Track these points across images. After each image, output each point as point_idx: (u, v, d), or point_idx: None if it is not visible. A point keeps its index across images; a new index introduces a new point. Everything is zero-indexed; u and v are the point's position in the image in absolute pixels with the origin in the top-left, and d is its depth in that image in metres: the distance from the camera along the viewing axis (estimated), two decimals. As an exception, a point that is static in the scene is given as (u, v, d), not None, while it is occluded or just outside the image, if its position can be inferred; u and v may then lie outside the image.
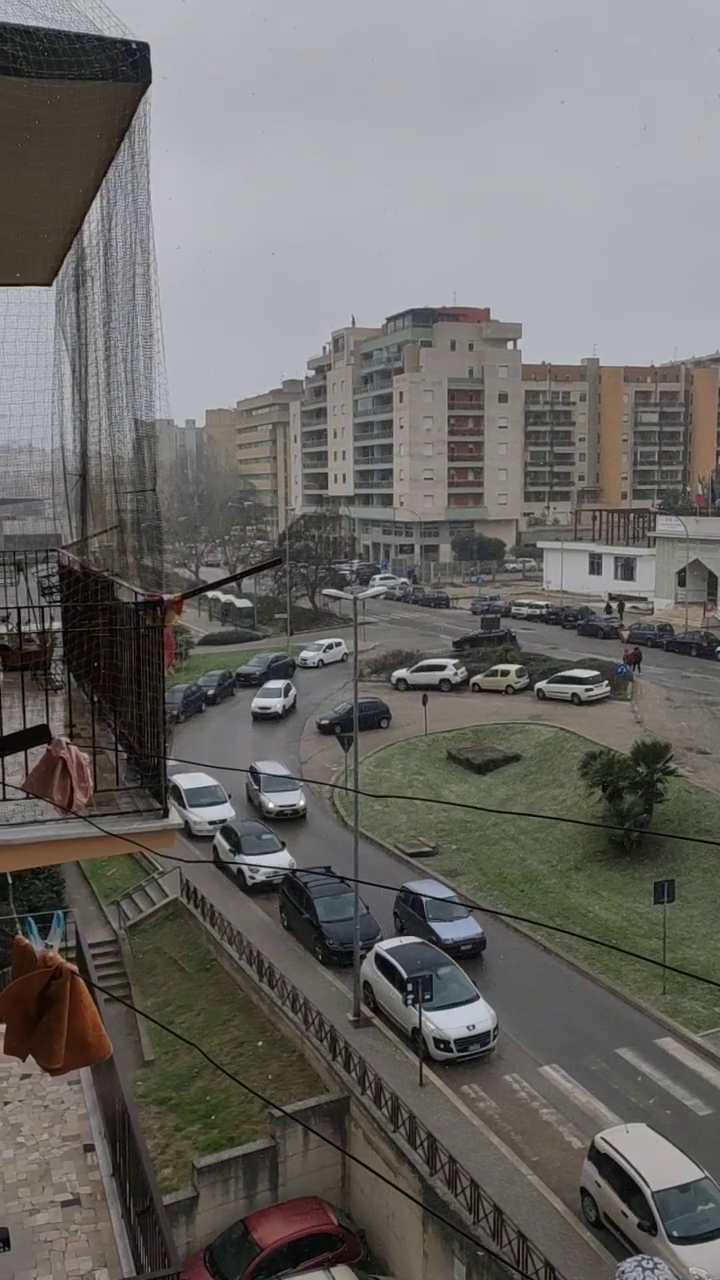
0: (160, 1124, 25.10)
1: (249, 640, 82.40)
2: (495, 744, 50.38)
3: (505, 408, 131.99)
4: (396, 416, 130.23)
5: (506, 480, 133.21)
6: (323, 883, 32.71)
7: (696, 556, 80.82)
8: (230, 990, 30.37)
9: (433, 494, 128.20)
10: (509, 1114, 23.68)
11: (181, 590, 8.73)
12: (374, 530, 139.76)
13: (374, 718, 53.17)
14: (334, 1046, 25.58)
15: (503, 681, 59.62)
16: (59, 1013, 6.33)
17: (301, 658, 71.12)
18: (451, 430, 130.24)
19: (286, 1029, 27.58)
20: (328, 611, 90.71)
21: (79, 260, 10.50)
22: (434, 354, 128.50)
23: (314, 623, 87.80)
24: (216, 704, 61.31)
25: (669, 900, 28.94)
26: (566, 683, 56.53)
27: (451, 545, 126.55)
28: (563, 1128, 23.14)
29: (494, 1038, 25.88)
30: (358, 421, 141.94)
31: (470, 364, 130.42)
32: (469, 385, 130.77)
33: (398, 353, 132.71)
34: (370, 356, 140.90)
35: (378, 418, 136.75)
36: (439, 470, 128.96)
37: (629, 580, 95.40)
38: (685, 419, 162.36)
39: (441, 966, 27.33)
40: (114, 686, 8.83)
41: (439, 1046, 25.53)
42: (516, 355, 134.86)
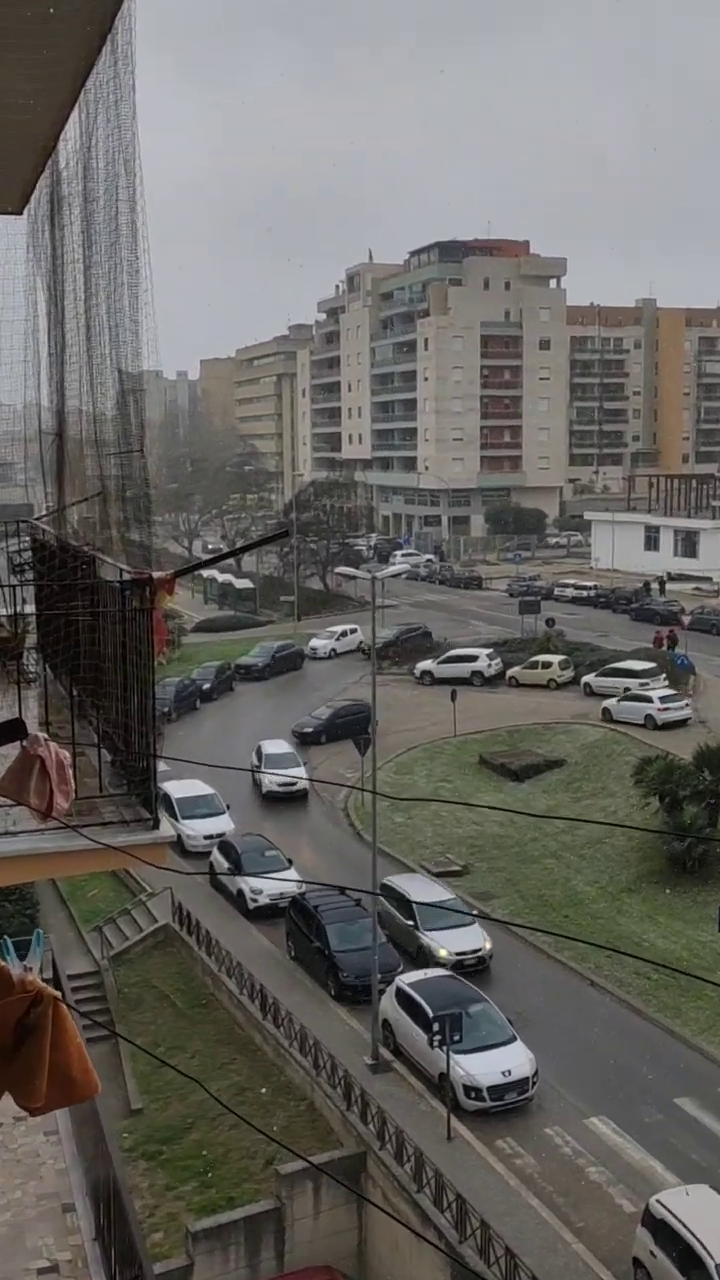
0: (150, 1182, 25.27)
1: (250, 626, 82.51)
2: (535, 747, 50.35)
3: (547, 356, 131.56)
4: (421, 367, 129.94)
5: (548, 441, 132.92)
6: (336, 906, 32.78)
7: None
8: (229, 1029, 30.51)
9: (463, 457, 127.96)
10: (550, 1173, 23.74)
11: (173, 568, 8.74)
12: (395, 499, 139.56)
13: (358, 723, 52.45)
14: (349, 1094, 25.69)
15: (544, 675, 59.56)
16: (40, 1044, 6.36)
17: (310, 647, 71.20)
18: (485, 383, 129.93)
19: (294, 1074, 27.70)
20: (341, 593, 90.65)
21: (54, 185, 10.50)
22: (464, 294, 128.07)
23: (325, 606, 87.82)
24: (213, 700, 61.48)
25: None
26: (618, 676, 56.38)
27: (484, 517, 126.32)
28: (613, 1189, 23.19)
29: (533, 1085, 25.94)
30: (376, 373, 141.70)
31: (507, 305, 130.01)
32: (505, 330, 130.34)
33: (422, 292, 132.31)
34: (390, 297, 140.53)
35: (399, 368, 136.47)
36: (470, 429, 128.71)
37: (691, 558, 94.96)
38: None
39: (473, 1003, 27.40)
40: (96, 678, 8.86)
41: (470, 1095, 25.61)
42: (560, 295, 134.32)
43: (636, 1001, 30.19)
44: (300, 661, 69.01)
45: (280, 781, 45.42)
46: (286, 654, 68.57)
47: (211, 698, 61.52)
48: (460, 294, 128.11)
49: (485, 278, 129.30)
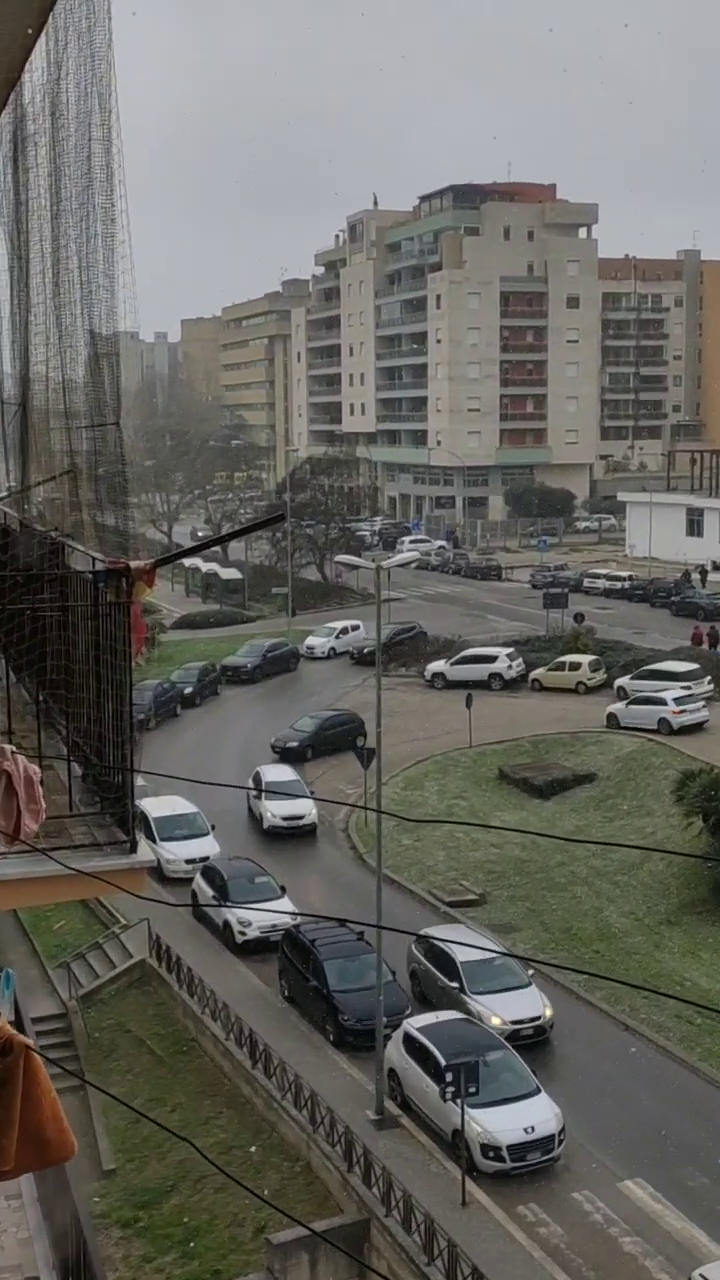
0: (124, 1252, 25.33)
1: (238, 622, 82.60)
2: (562, 759, 50.37)
3: (576, 315, 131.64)
4: (432, 327, 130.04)
5: (577, 412, 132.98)
6: (335, 941, 32.80)
7: None
8: (214, 1080, 30.56)
9: (480, 430, 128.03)
10: (579, 1243, 23.79)
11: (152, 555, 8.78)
12: (402, 478, 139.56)
13: (347, 735, 52.70)
14: (350, 1154, 25.75)
15: (572, 677, 59.63)
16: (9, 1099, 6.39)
17: (307, 646, 71.30)
18: (505, 345, 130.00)
19: (288, 1130, 27.77)
20: (342, 585, 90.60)
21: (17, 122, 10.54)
22: (482, 244, 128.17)
23: (323, 599, 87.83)
24: (196, 705, 61.58)
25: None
26: (656, 679, 56.34)
27: (504, 498, 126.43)
28: (650, 1261, 23.24)
29: (559, 1143, 26.00)
30: (381, 334, 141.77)
31: (530, 257, 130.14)
32: (528, 286, 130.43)
33: (434, 243, 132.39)
34: (398, 248, 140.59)
35: (407, 329, 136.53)
36: (488, 398, 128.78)
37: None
38: None
39: (490, 1050, 27.45)
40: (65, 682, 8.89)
41: (487, 1154, 25.67)
42: (591, 246, 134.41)
43: (677, 1049, 30.22)
44: (295, 662, 69.08)
45: (286, 814, 44.53)
46: (279, 653, 68.64)
47: (194, 703, 61.60)
48: (477, 244, 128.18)
49: (505, 226, 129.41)
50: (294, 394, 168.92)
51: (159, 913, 35.64)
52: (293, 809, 44.70)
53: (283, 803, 44.63)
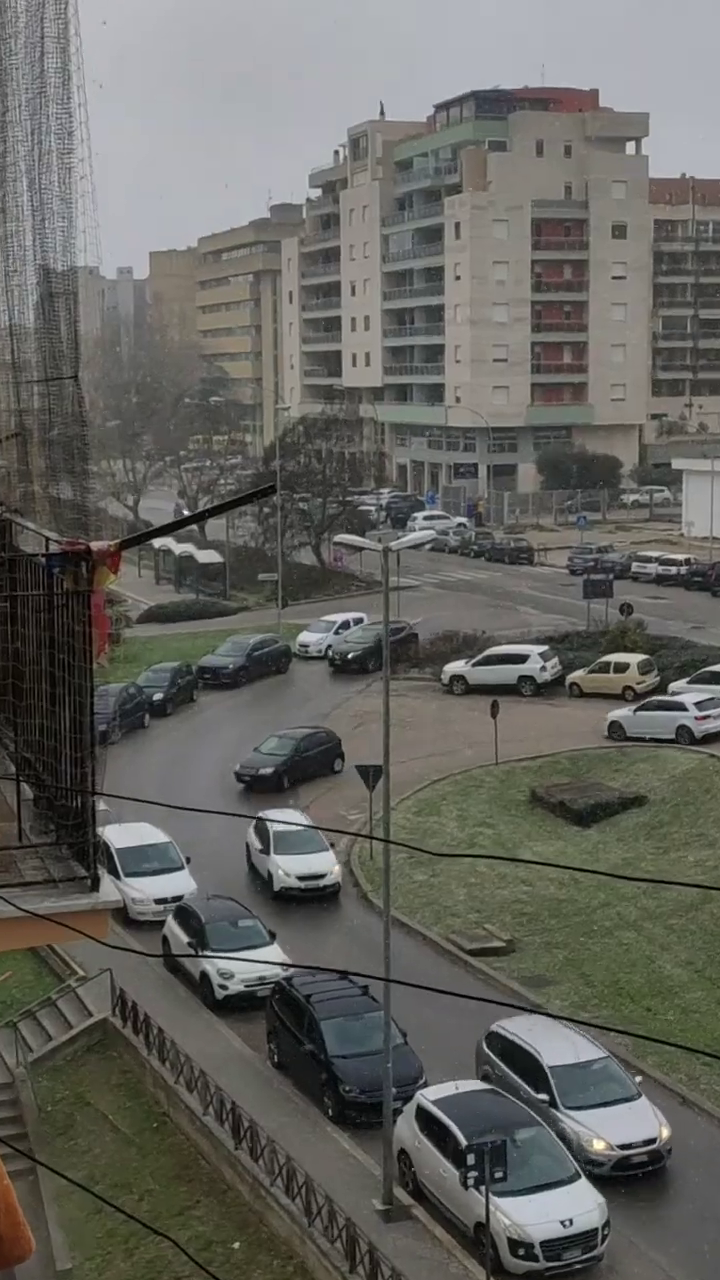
0: None
1: (218, 615, 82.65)
2: (606, 779, 50.36)
3: (623, 247, 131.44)
4: (450, 261, 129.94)
5: (624, 363, 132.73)
6: (335, 996, 32.79)
7: None
8: (190, 1162, 30.56)
9: (508, 384, 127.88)
10: None
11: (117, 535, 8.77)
12: (415, 442, 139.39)
13: (325, 758, 52.72)
14: (353, 1251, 25.75)
15: (618, 681, 59.62)
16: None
17: (300, 643, 71.33)
18: (538, 283, 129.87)
19: (279, 1223, 27.77)
20: (342, 570, 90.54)
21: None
22: (510, 161, 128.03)
23: (320, 588, 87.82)
24: (168, 715, 61.61)
25: None
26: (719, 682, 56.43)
27: (537, 465, 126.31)
28: None
29: (603, 1239, 25.99)
30: (389, 269, 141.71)
31: (567, 177, 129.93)
32: (565, 211, 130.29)
33: (452, 160, 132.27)
34: (409, 166, 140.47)
35: (420, 263, 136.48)
36: (518, 346, 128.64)
37: None
38: None
39: (520, 1127, 27.46)
40: (12, 687, 8.90)
41: (517, 1252, 25.67)
42: (641, 164, 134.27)
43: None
44: (286, 662, 69.09)
45: (302, 872, 42.90)
46: (267, 652, 68.62)
47: (165, 711, 61.62)
48: (504, 162, 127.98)
49: (538, 140, 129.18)
50: (285, 341, 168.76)
51: (124, 962, 35.61)
52: (310, 866, 42.96)
53: (297, 858, 43.04)
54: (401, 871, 42.91)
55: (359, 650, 67.30)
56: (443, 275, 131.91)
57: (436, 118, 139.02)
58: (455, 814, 48.66)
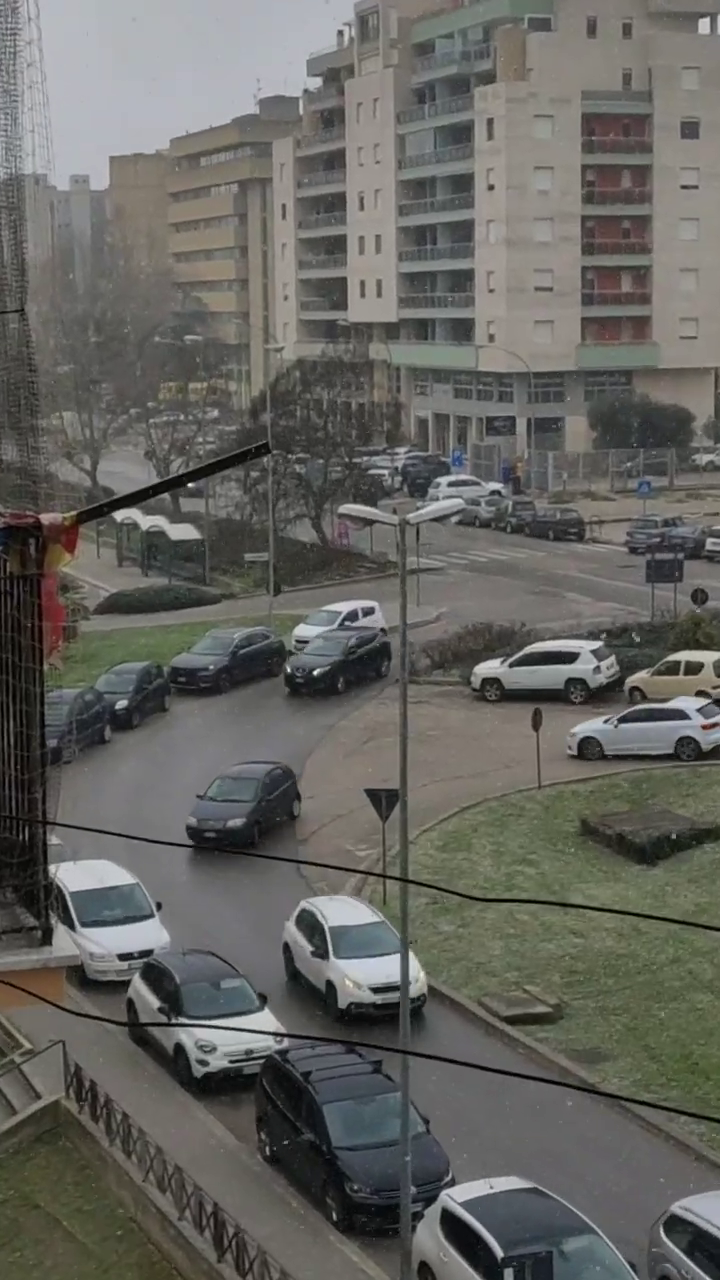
0: None
1: (195, 604, 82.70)
2: (675, 805, 50.30)
3: (696, 149, 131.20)
4: (482, 167, 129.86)
5: (697, 292, 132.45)
6: (340, 1074, 32.74)
7: None
8: (163, 1278, 30.53)
9: (553, 319, 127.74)
10: None
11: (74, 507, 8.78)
12: (438, 391, 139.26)
13: (286, 798, 52.47)
14: None
15: (690, 683, 59.52)
16: None
17: (296, 638, 71.18)
18: (590, 194, 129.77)
19: None
20: (348, 549, 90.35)
21: None
22: (555, 44, 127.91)
23: (321, 570, 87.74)
24: (134, 726, 61.50)
25: None
26: None
27: (589, 420, 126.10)
28: None
29: None
30: (405, 177, 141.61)
31: (626, 63, 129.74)
32: (624, 105, 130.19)
33: (484, 42, 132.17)
34: (430, 50, 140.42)
35: (445, 170, 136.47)
36: (565, 273, 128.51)
37: None
38: None
39: (569, 1235, 27.39)
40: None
41: None
42: (718, 46, 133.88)
43: None
44: (279, 662, 68.92)
45: (379, 983, 38.11)
46: (256, 650, 68.55)
47: (130, 723, 61.45)
48: (549, 44, 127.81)
49: (590, 16, 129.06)
50: (277, 267, 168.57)
51: (81, 1032, 35.66)
52: (388, 973, 36.60)
53: (368, 964, 38.93)
54: (424, 921, 42.75)
55: (325, 664, 65.88)
56: (472, 184, 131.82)
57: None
58: (489, 849, 48.53)
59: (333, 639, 67.65)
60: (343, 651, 65.52)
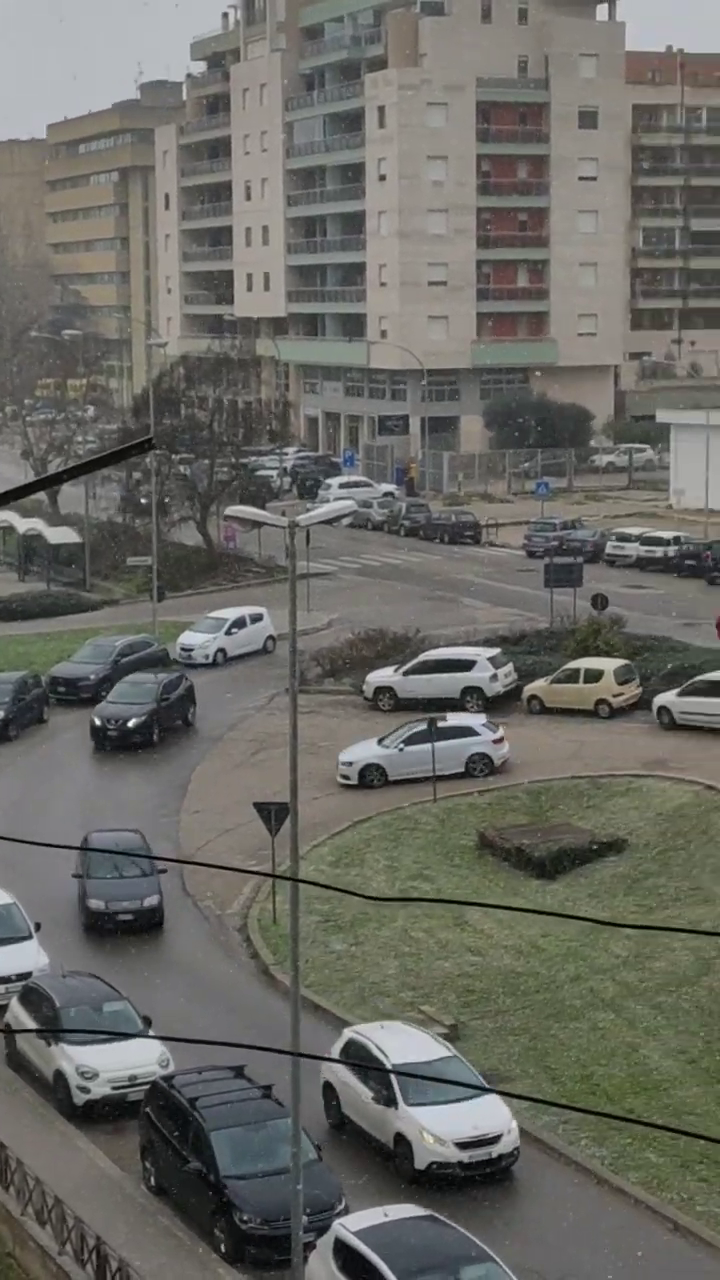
0: None
1: (75, 610, 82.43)
2: (575, 818, 50.51)
3: (593, 139, 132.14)
4: (373, 156, 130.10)
5: (596, 288, 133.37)
6: (229, 1099, 32.67)
7: None
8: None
9: (447, 314, 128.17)
10: None
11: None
12: (328, 389, 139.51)
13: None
14: None
15: (590, 693, 59.88)
16: None
17: (182, 646, 71.14)
18: (486, 185, 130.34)
19: None
20: (235, 552, 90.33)
21: None
22: (450, 30, 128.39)
23: (208, 574, 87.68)
24: (10, 739, 61.26)
25: None
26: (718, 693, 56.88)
27: (486, 419, 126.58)
28: None
29: None
30: (294, 166, 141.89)
31: (523, 50, 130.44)
32: (520, 93, 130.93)
33: (375, 26, 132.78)
34: (319, 35, 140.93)
35: (334, 159, 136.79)
36: (460, 267, 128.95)
37: None
38: None
39: (467, 1264, 27.43)
40: None
41: None
42: (616, 34, 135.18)
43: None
44: (168, 670, 68.80)
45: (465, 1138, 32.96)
46: (139, 658, 68.28)
47: (6, 735, 61.14)
48: (441, 29, 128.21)
49: (484, 2, 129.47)
50: (160, 258, 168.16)
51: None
52: (476, 1124, 33.27)
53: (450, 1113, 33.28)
54: (315, 939, 42.78)
55: (140, 714, 61.35)
56: (363, 174, 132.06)
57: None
58: (383, 863, 48.56)
59: (139, 684, 62.79)
60: (154, 698, 61.33)
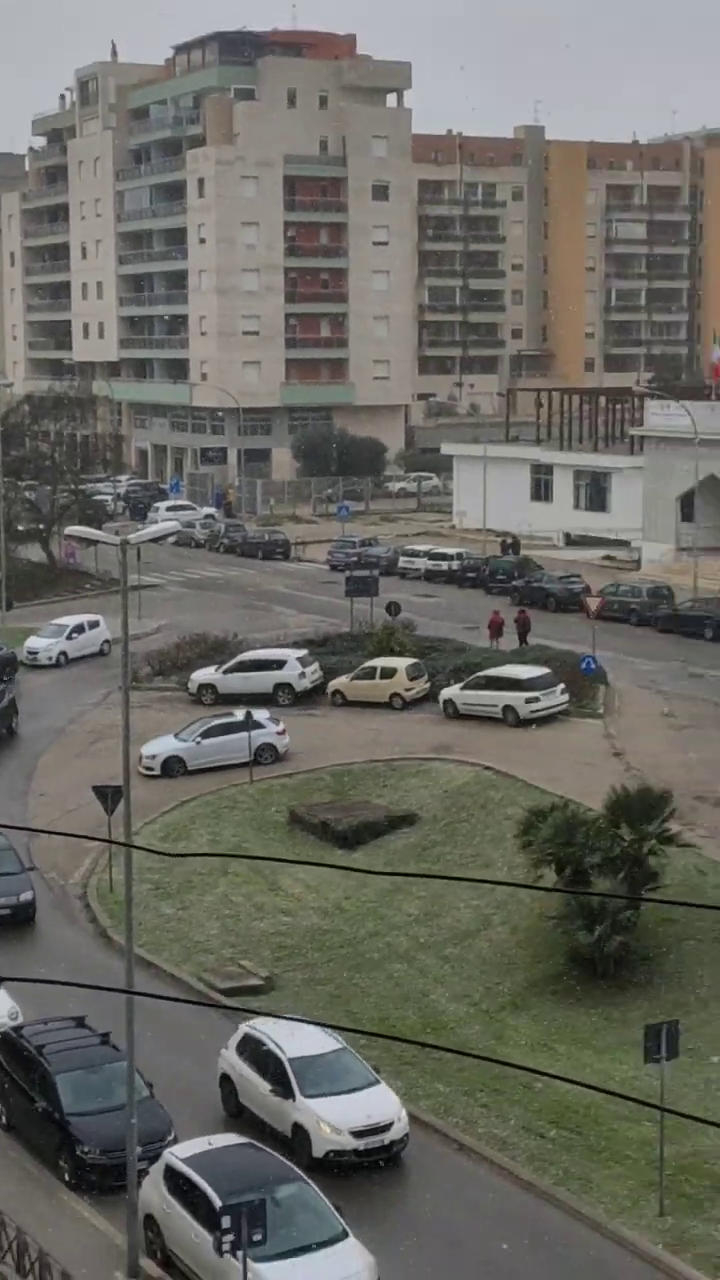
0: None
1: None
2: (373, 796, 50.76)
3: (385, 209, 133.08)
4: (194, 222, 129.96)
5: (388, 337, 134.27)
6: (70, 1045, 32.45)
7: (712, 470, 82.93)
8: None
9: (259, 360, 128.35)
10: None
11: None
12: (156, 424, 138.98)
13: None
14: (94, 1332, 25.44)
15: (385, 687, 60.17)
16: None
17: (28, 650, 70.40)
18: (292, 248, 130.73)
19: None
20: (75, 567, 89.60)
21: None
22: (259, 112, 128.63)
23: (51, 587, 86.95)
24: None
25: (670, 1056, 29.70)
26: (494, 688, 57.50)
27: (294, 450, 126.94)
28: None
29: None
30: (125, 229, 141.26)
31: (323, 131, 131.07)
32: (322, 169, 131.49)
33: (195, 109, 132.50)
34: (145, 115, 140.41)
35: (161, 224, 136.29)
36: (270, 318, 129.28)
37: (599, 511, 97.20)
38: (692, 234, 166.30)
39: (282, 1184, 27.45)
40: None
41: (279, 1323, 25.68)
42: (403, 118, 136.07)
43: (525, 1171, 30.66)
44: (12, 671, 67.92)
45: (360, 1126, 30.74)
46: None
47: None
48: (253, 112, 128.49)
49: (290, 89, 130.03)
50: (6, 310, 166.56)
51: None
52: (368, 1112, 31.03)
53: (344, 1102, 31.26)
54: (147, 904, 42.67)
55: None
56: (185, 237, 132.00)
57: (176, 61, 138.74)
58: (207, 837, 48.51)
59: None
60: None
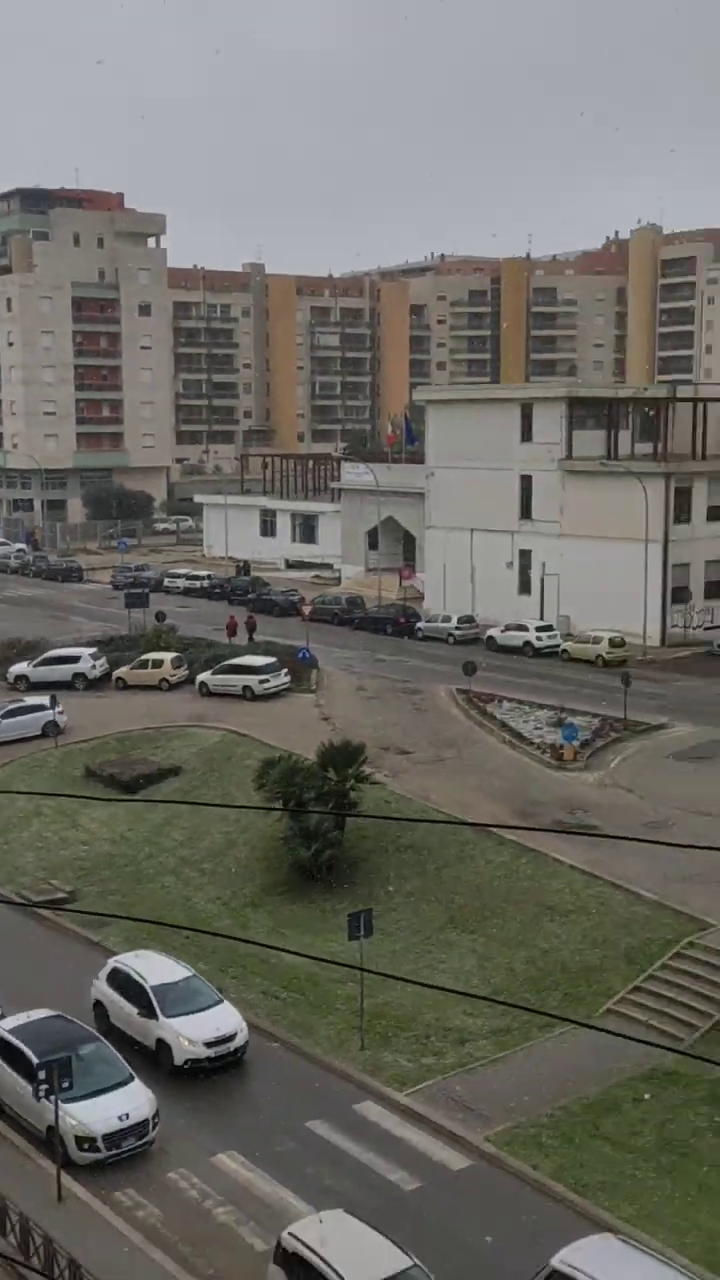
0: None
1: None
2: (148, 754, 50.48)
3: (148, 323, 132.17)
4: (4, 330, 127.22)
5: (153, 417, 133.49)
6: None
7: (390, 513, 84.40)
8: None
9: (57, 433, 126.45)
10: (175, 1220, 23.93)
11: None
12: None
13: None
14: (-59, 1164, 24.75)
15: (155, 674, 59.85)
16: None
17: None
18: (80, 350, 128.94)
19: None
20: None
21: None
22: (53, 249, 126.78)
23: None
24: None
25: (366, 935, 30.19)
26: (235, 673, 57.65)
27: (84, 500, 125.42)
28: (243, 1228, 23.67)
29: (154, 1127, 26.04)
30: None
31: (101, 264, 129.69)
32: (100, 292, 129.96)
33: (3, 245, 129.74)
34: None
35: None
36: (64, 402, 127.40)
37: (310, 543, 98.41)
38: (372, 342, 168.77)
39: (84, 1044, 27.15)
40: None
41: (83, 1146, 25.38)
42: (160, 255, 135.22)
43: (265, 1023, 30.86)
44: None
45: (211, 1038, 28.92)
46: None
47: None
48: (48, 249, 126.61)
49: (75, 232, 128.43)
50: None
51: None
52: (217, 1027, 29.16)
53: (197, 1020, 29.20)
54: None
55: None
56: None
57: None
58: (24, 788, 47.60)
59: None
60: None
